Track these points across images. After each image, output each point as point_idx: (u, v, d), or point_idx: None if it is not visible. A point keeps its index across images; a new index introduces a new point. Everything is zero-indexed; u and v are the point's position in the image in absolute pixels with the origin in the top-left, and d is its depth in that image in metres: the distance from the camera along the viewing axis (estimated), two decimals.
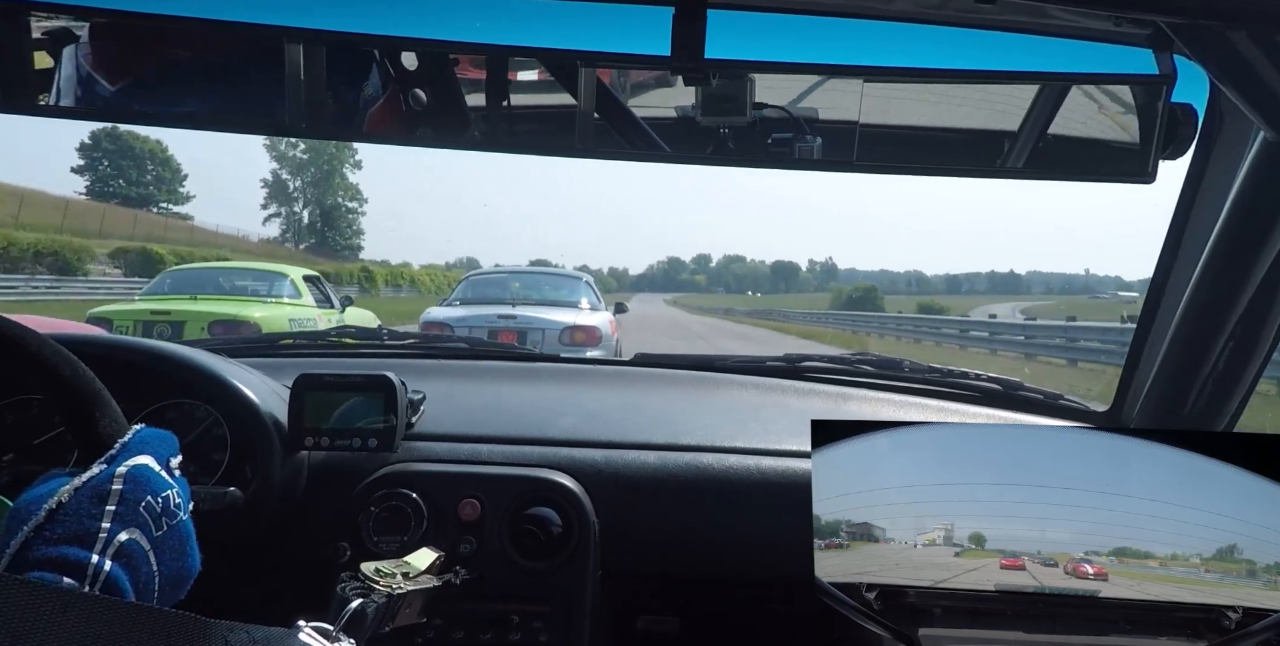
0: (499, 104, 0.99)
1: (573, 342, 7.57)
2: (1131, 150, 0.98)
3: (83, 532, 0.62)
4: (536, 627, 1.19)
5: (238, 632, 0.61)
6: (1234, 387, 1.26)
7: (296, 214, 66.02)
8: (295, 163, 63.95)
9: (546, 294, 8.66)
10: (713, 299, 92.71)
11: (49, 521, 0.61)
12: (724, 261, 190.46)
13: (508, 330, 7.54)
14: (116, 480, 0.65)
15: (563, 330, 7.62)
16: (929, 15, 0.95)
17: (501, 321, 7.63)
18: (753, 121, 0.96)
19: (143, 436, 0.71)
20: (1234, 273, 1.16)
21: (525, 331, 7.55)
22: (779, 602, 1.35)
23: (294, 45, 0.89)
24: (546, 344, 7.41)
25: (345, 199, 67.11)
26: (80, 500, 0.63)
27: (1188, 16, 0.82)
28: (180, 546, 0.68)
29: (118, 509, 0.64)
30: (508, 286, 8.91)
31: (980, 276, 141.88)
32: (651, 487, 1.26)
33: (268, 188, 66.12)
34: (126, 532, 0.63)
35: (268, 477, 1.18)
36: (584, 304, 8.39)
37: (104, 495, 0.64)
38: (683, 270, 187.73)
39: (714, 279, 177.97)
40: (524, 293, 8.64)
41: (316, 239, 65.10)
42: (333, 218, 65.20)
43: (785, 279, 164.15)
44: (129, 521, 0.64)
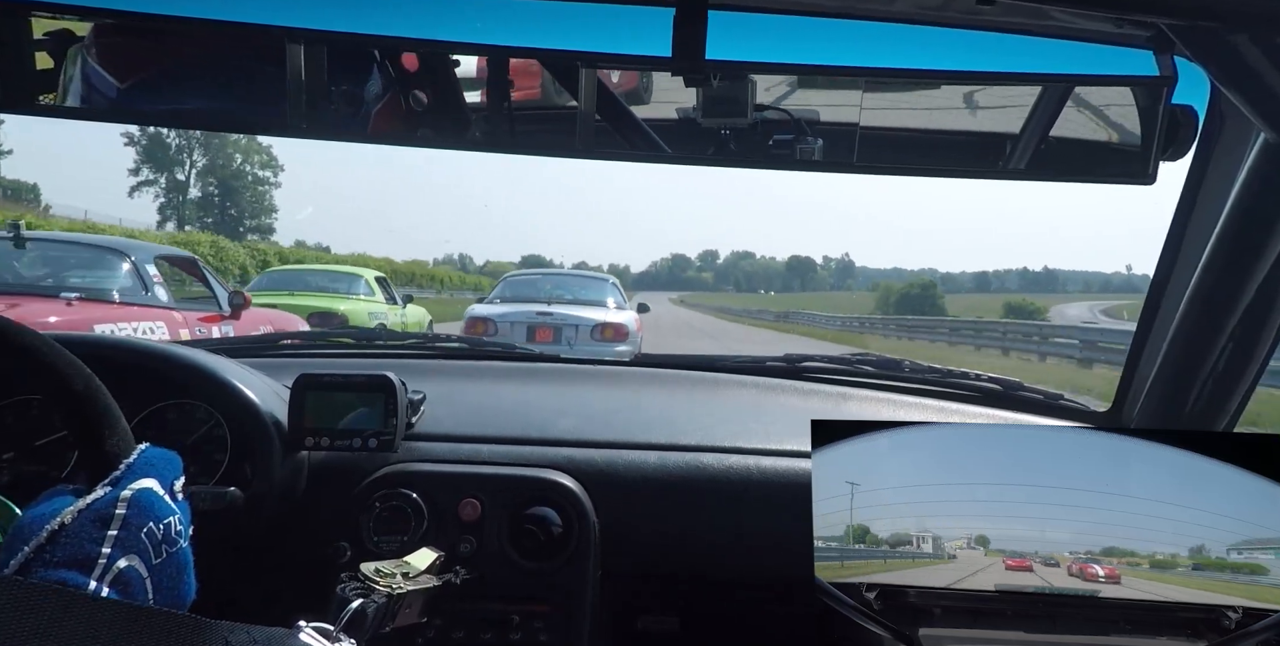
0: (500, 105, 0.99)
1: (603, 339, 8.13)
2: (1132, 151, 0.98)
3: (83, 557, 0.61)
4: (536, 627, 1.19)
5: (238, 633, 0.61)
6: (1234, 387, 1.26)
7: (181, 183, 51.60)
8: None
9: (577, 293, 9.24)
10: (724, 297, 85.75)
11: (50, 543, 0.61)
12: (732, 258, 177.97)
13: (545, 326, 8.16)
14: (120, 504, 0.65)
15: (594, 327, 8.19)
16: (930, 17, 0.95)
17: (540, 318, 8.22)
18: (754, 123, 0.96)
19: (148, 458, 0.70)
20: (1234, 274, 1.16)
21: (560, 327, 8.10)
22: (779, 602, 1.35)
23: (294, 45, 0.88)
24: (580, 339, 7.99)
25: (251, 165, 53.35)
26: (83, 523, 0.63)
27: (1188, 18, 0.82)
28: (177, 574, 0.67)
29: (119, 534, 0.63)
30: (542, 287, 9.55)
31: (1010, 274, 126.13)
32: (652, 487, 1.27)
33: (136, 148, 50.61)
34: (126, 559, 0.63)
35: (268, 478, 1.18)
36: (611, 303, 8.98)
37: (107, 519, 0.64)
38: (688, 267, 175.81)
39: (721, 276, 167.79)
40: (557, 292, 9.23)
41: (215, 217, 51.31)
42: (234, 189, 52.48)
43: (801, 276, 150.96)
44: (129, 547, 0.63)
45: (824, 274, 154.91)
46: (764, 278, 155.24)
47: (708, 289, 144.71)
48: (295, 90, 0.90)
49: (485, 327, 8.21)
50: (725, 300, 73.68)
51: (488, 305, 8.99)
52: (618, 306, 9.01)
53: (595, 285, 9.75)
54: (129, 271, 5.83)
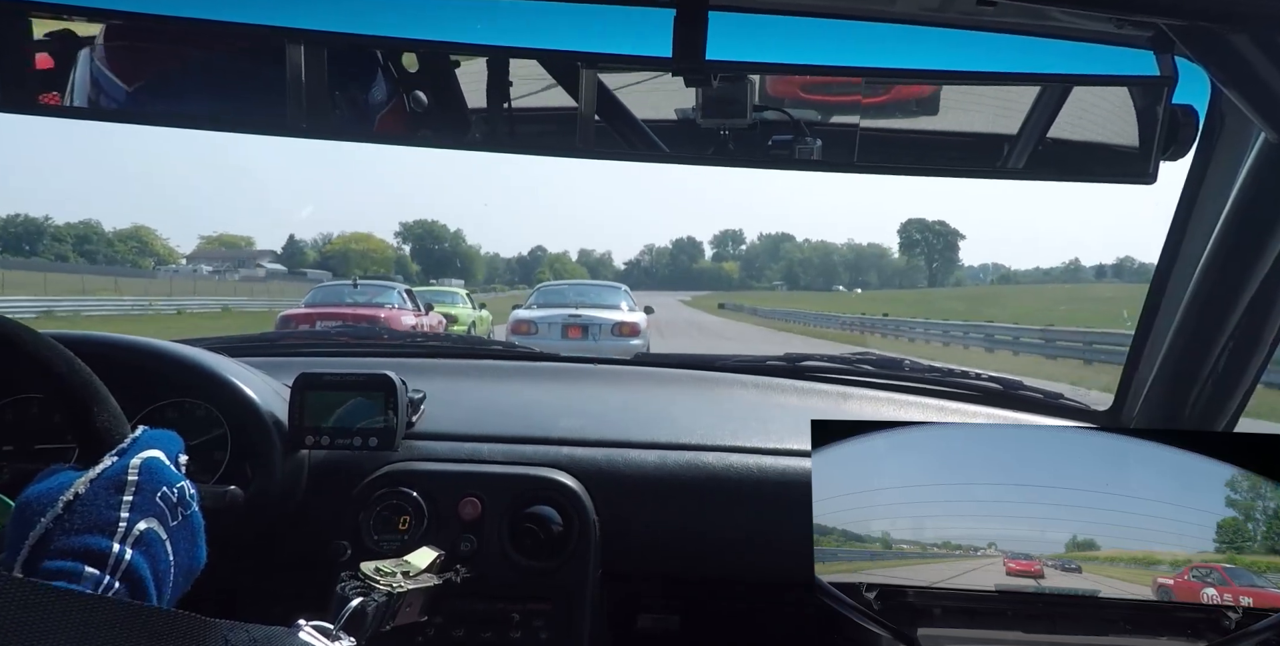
0: (500, 105, 0.99)
1: (620, 334, 10.24)
2: (1132, 151, 0.98)
3: (103, 522, 0.62)
4: (537, 626, 1.19)
5: (238, 632, 0.61)
6: (1234, 387, 1.26)
7: None
8: None
9: (597, 299, 11.43)
10: (779, 298, 58.64)
11: (67, 512, 0.61)
12: (768, 242, 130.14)
13: (575, 325, 10.29)
14: (132, 471, 0.66)
15: (614, 325, 10.36)
16: (930, 17, 0.95)
17: (571, 319, 10.36)
18: (753, 123, 0.96)
19: (151, 434, 0.72)
20: (1234, 273, 1.16)
21: (588, 326, 10.27)
22: (779, 602, 1.35)
23: (295, 46, 0.89)
24: (603, 335, 10.16)
25: None
26: (98, 490, 0.64)
27: (1189, 18, 0.82)
28: (192, 537, 0.69)
29: (135, 499, 0.64)
30: (568, 294, 11.87)
31: (1093, 268, 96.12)
32: (652, 486, 1.27)
33: None
34: (145, 521, 0.64)
35: (268, 477, 1.18)
36: (624, 306, 11.21)
37: (121, 485, 0.65)
38: (697, 255, 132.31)
39: (751, 268, 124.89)
40: (580, 298, 11.37)
41: None
42: None
43: (874, 266, 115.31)
44: (147, 511, 0.65)
45: (900, 263, 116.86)
46: (819, 268, 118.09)
47: (726, 286, 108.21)
48: (297, 91, 0.90)
49: (528, 328, 10.38)
50: (780, 301, 50.13)
51: (527, 310, 11.22)
52: (630, 309, 11.15)
53: (610, 292, 12.08)
54: (401, 292, 12.15)
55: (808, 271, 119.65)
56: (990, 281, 78.97)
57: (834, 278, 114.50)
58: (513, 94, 0.99)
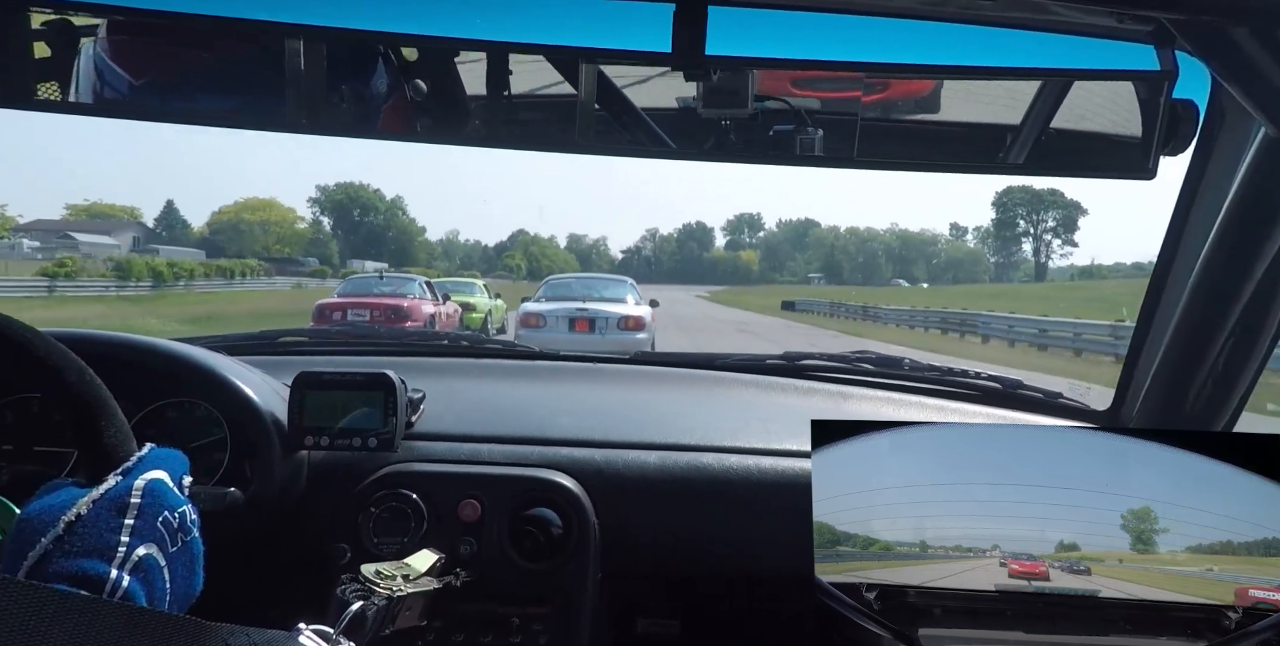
0: (500, 99, 0.99)
1: (627, 328, 10.12)
2: (1133, 146, 0.97)
3: (103, 546, 0.61)
4: (537, 629, 1.18)
5: (238, 636, 0.60)
6: (1234, 387, 1.26)
7: None
8: None
9: (604, 292, 11.32)
10: (831, 293, 38.40)
11: (68, 533, 0.60)
12: (789, 228, 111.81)
13: (582, 318, 10.11)
14: (135, 493, 0.65)
15: (620, 319, 10.22)
16: (930, 12, 0.95)
17: (579, 312, 10.18)
18: (754, 114, 0.96)
19: (156, 453, 0.71)
20: (1234, 271, 1.16)
21: (594, 319, 10.12)
22: (779, 602, 1.34)
23: (295, 42, 0.88)
24: (609, 329, 10.07)
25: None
26: (100, 511, 0.63)
27: (1189, 12, 0.82)
28: (190, 564, 0.68)
29: (136, 523, 0.63)
30: (576, 288, 11.75)
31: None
32: (651, 488, 1.26)
33: None
34: (145, 547, 0.63)
35: (268, 478, 1.17)
36: (630, 300, 11.08)
37: (123, 507, 0.64)
38: (708, 243, 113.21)
39: (773, 258, 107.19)
40: (587, 292, 11.29)
41: None
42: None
43: (922, 256, 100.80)
44: (147, 536, 0.64)
45: (952, 248, 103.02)
46: (860, 260, 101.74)
47: (745, 279, 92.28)
48: (299, 87, 0.89)
49: (537, 321, 10.22)
50: (824, 293, 41.90)
51: (536, 303, 11.11)
52: (636, 302, 11.07)
53: (616, 286, 11.98)
54: (421, 284, 13.59)
55: (835, 260, 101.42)
56: (1070, 277, 64.59)
57: (875, 269, 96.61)
58: (513, 89, 0.98)
